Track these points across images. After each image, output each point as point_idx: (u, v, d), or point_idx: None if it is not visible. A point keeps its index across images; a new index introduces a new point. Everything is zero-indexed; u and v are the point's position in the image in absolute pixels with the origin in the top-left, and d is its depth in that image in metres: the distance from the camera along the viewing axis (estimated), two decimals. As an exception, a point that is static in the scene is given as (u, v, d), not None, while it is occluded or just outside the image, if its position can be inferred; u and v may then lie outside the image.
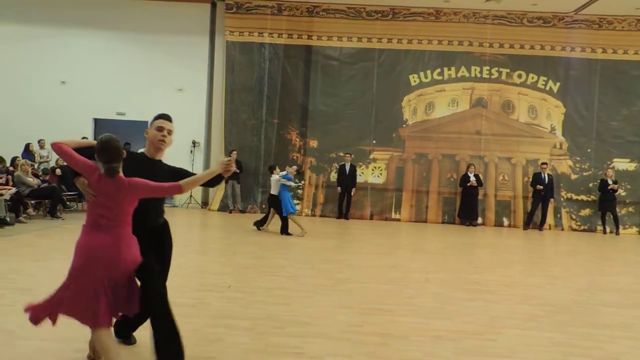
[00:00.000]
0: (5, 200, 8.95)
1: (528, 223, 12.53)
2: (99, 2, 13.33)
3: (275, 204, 9.42)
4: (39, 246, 7.25)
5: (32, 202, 10.11)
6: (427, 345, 3.88)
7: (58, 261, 6.19)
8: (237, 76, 13.35)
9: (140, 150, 3.62)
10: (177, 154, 13.20)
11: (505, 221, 12.95)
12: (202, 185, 3.38)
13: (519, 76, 13.16)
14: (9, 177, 9.74)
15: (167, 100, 13.35)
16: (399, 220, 12.97)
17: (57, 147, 3.02)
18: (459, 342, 3.98)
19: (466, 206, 12.62)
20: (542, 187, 12.21)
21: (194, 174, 3.42)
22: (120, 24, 13.36)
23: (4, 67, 13.32)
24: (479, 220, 12.83)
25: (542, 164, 12.56)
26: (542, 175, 12.39)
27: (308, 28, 13.33)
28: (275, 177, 9.38)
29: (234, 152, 12.78)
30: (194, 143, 13.28)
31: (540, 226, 12.42)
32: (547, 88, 13.12)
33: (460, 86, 13.26)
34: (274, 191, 9.40)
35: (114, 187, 2.91)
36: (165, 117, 3.53)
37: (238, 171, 12.73)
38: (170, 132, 3.50)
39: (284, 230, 9.35)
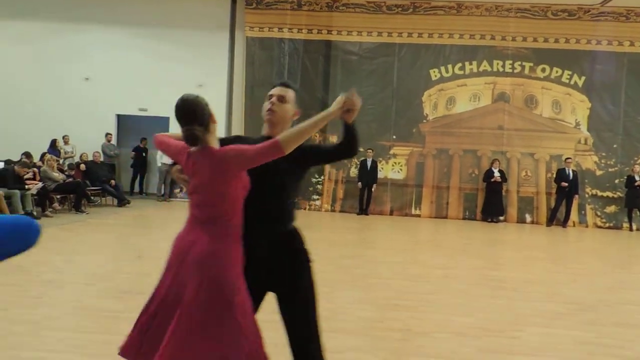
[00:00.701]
0: (32, 195, 9.15)
1: (551, 220, 12.30)
2: (123, 0, 13.48)
3: None
4: (64, 240, 7.39)
5: (58, 196, 10.31)
6: (449, 342, 3.84)
7: (82, 255, 6.32)
8: (257, 71, 13.38)
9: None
10: (198, 149, 13.33)
11: (528, 218, 12.74)
12: (328, 160, 2.63)
13: (543, 70, 12.89)
14: (36, 170, 9.95)
15: (188, 96, 13.44)
16: (419, 216, 12.86)
17: (155, 140, 2.49)
18: (481, 339, 3.92)
19: (490, 202, 12.44)
20: (567, 183, 11.97)
21: (329, 149, 2.54)
22: (141, 20, 13.49)
23: (30, 64, 13.57)
24: (501, 216, 12.65)
25: (567, 159, 12.30)
26: (567, 171, 12.14)
27: (328, 23, 13.27)
28: None
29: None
30: (214, 139, 13.36)
31: (564, 223, 12.19)
32: (572, 82, 12.83)
33: (482, 81, 13.06)
34: None
35: (202, 162, 2.18)
36: (280, 84, 2.60)
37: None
38: (282, 99, 2.51)
39: None
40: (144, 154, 13.90)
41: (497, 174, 12.34)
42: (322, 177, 13.21)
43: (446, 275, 6.15)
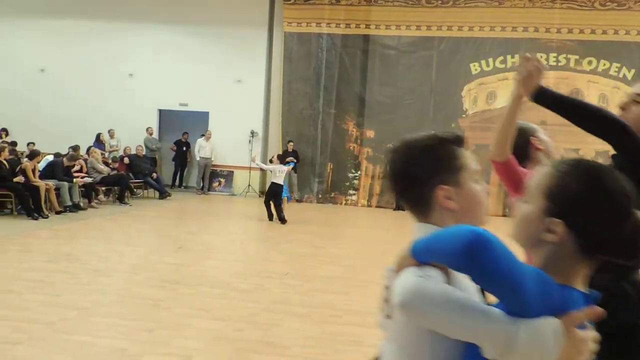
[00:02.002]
0: (79, 187, 9.52)
1: (596, 218, 11.89)
2: (164, -3, 13.82)
3: (278, 192, 9.21)
4: (109, 230, 7.67)
5: (103, 188, 10.69)
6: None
7: (125, 245, 6.55)
8: (295, 67, 13.45)
9: None
10: (236, 144, 13.56)
11: (571, 216, 12.36)
12: None
13: (589, 63, 12.43)
14: (83, 163, 10.34)
15: (226, 91, 13.68)
16: (457, 212, 12.67)
17: None
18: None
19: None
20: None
21: None
22: (182, 17, 13.77)
23: (77, 62, 14.09)
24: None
25: (613, 155, 11.83)
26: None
27: (366, 17, 13.20)
28: (284, 167, 9.44)
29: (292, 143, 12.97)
30: (252, 133, 13.54)
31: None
32: (621, 75, 12.32)
33: (524, 74, 12.70)
34: (280, 180, 9.19)
35: None
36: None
37: (295, 161, 12.90)
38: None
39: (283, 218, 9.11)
40: (184, 148, 14.24)
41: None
42: (359, 172, 13.19)
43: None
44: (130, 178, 11.41)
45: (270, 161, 9.78)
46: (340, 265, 6.03)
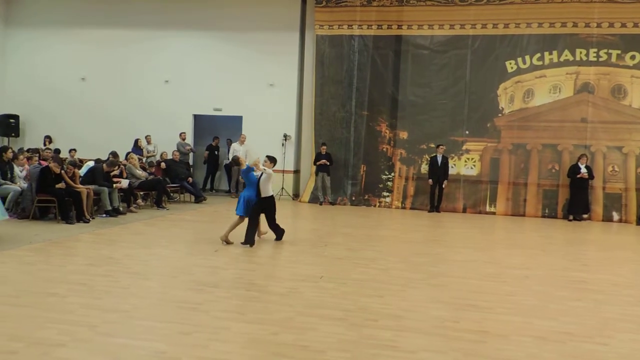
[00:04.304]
0: (118, 192, 9.78)
1: (642, 218, 11.41)
2: (198, 4, 14.06)
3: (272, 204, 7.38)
4: (147, 234, 7.85)
5: (141, 193, 10.95)
6: (529, 346, 3.67)
7: (163, 249, 6.67)
8: (327, 69, 13.47)
9: None
10: (270, 147, 13.65)
11: (616, 216, 11.90)
12: None
13: (632, 57, 11.95)
14: (123, 168, 10.63)
15: (259, 95, 13.83)
16: (494, 213, 12.40)
17: None
18: (565, 344, 3.72)
19: (575, 199, 11.73)
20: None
21: None
22: (216, 23, 14.01)
23: (115, 68, 14.53)
24: (586, 214, 11.89)
25: None
26: (660, 165, 11.19)
27: (398, 18, 13.09)
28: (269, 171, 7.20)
29: (324, 147, 12.98)
30: (285, 136, 13.63)
31: (657, 222, 11.26)
32: (667, 69, 11.80)
33: (563, 71, 12.34)
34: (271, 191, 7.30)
35: None
36: None
37: (328, 163, 12.89)
38: None
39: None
40: (215, 152, 14.46)
41: (583, 170, 11.62)
42: (393, 174, 13.08)
43: (525, 276, 5.88)
44: (167, 182, 11.64)
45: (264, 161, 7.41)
46: (375, 268, 5.98)
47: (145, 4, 14.29)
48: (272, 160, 7.50)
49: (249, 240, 6.93)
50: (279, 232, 7.48)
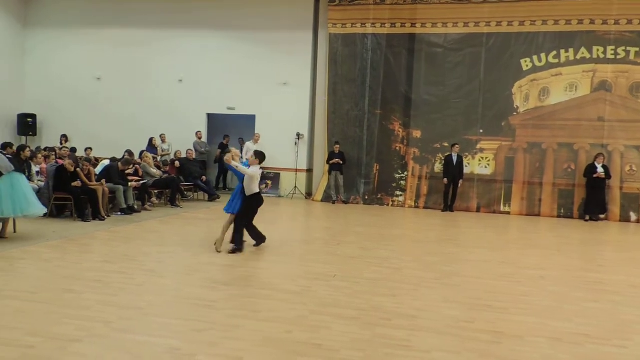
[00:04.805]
0: (133, 190, 9.87)
1: (661, 219, 11.22)
2: (212, 4, 14.13)
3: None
4: (162, 232, 7.91)
5: (155, 191, 11.04)
6: (545, 347, 3.63)
7: (177, 246, 6.72)
8: (340, 68, 13.44)
9: None
10: (282, 146, 13.70)
11: (633, 216, 11.71)
12: None
13: (651, 55, 11.76)
14: (138, 167, 10.73)
15: (272, 94, 13.85)
16: (508, 213, 12.28)
17: None
18: (581, 346, 3.68)
19: (591, 199, 11.57)
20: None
21: None
22: (230, 23, 14.06)
23: (130, 68, 14.66)
24: (602, 214, 11.71)
25: None
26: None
27: (411, 16, 13.02)
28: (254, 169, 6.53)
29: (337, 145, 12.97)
30: (298, 135, 13.64)
31: (676, 222, 11.06)
32: (686, 67, 11.58)
33: (579, 69, 12.17)
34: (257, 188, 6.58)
35: None
36: None
37: (341, 162, 12.88)
38: None
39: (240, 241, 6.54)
40: (227, 151, 14.50)
41: (600, 169, 11.45)
42: (406, 173, 13.03)
43: (540, 276, 5.82)
44: (181, 181, 11.72)
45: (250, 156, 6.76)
46: (388, 267, 5.96)
47: (160, 5, 14.40)
48: (257, 155, 6.63)
49: (237, 243, 6.36)
50: (259, 238, 6.75)
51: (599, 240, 9.09)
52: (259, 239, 6.80)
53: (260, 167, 6.62)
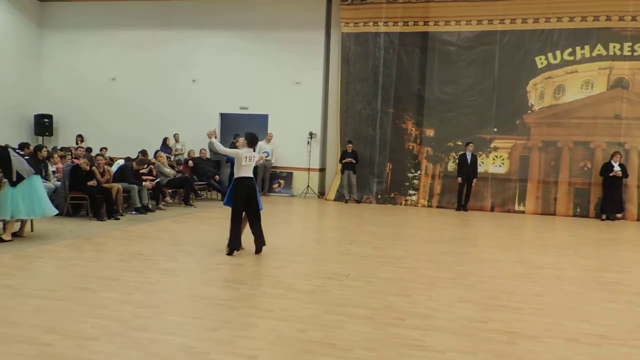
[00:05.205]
0: (148, 189, 9.96)
1: (679, 218, 11.02)
2: (224, 5, 14.19)
3: (251, 194, 6.19)
4: (175, 231, 7.97)
5: (169, 191, 11.13)
6: (561, 348, 3.59)
7: (191, 246, 6.76)
8: (352, 67, 13.42)
9: None
10: (295, 145, 13.72)
11: (651, 215, 11.53)
12: None
13: (669, 51, 11.56)
14: (152, 166, 10.82)
15: (285, 93, 13.88)
16: (523, 212, 12.16)
17: None
18: (599, 347, 3.63)
19: (607, 198, 11.41)
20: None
21: None
22: (242, 23, 14.12)
23: (144, 69, 14.79)
24: (619, 214, 11.54)
25: None
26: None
27: (424, 14, 12.95)
28: (254, 154, 6.40)
29: (350, 144, 12.96)
30: (310, 134, 13.65)
31: (695, 222, 10.87)
32: None
33: (595, 66, 12.01)
34: (250, 172, 6.25)
35: None
36: None
37: (354, 161, 12.86)
38: None
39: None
40: (238, 150, 14.54)
41: (617, 168, 11.29)
42: (419, 172, 12.97)
43: (556, 276, 5.75)
44: (195, 180, 11.80)
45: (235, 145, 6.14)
46: (401, 266, 5.94)
47: (173, 6, 14.51)
48: (246, 137, 6.30)
49: (231, 243, 6.03)
50: (259, 242, 6.16)
51: (616, 240, 8.96)
52: (232, 244, 6.08)
53: (273, 167, 6.53)
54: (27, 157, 6.86)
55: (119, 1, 14.88)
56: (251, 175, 6.18)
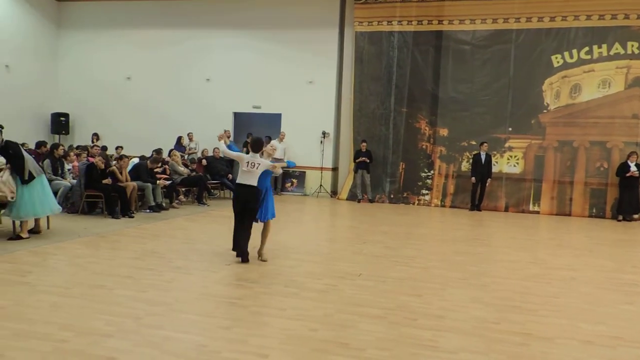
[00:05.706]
0: (162, 188, 10.05)
1: (699, 219, 10.81)
2: (238, 4, 14.24)
3: (249, 201, 5.74)
4: (189, 229, 8.03)
5: (183, 189, 11.21)
6: (576, 350, 3.55)
7: (204, 244, 6.81)
8: (366, 66, 13.39)
9: None
10: (308, 144, 13.73)
11: (669, 217, 11.32)
12: None
13: (689, 50, 11.34)
14: (166, 166, 10.91)
15: (298, 92, 13.89)
16: (537, 212, 12.03)
17: None
18: (614, 349, 3.58)
19: (624, 199, 11.23)
20: None
21: None
22: (256, 22, 14.15)
23: (159, 68, 14.91)
24: (636, 214, 11.36)
25: None
26: None
27: (438, 13, 12.86)
28: (261, 160, 5.80)
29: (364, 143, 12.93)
30: (323, 134, 13.65)
31: None
32: None
33: (613, 65, 11.83)
34: (250, 180, 5.73)
35: None
36: None
37: (368, 161, 12.83)
38: None
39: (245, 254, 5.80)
40: (250, 149, 14.58)
41: (633, 168, 11.12)
42: (432, 172, 12.89)
43: (571, 277, 5.69)
44: (208, 179, 11.87)
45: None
46: (414, 266, 5.92)
47: (188, 6, 14.60)
48: (251, 142, 5.99)
49: (237, 250, 5.80)
50: (242, 250, 5.76)
51: (632, 241, 8.82)
52: (237, 249, 5.84)
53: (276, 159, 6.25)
54: (33, 156, 7.02)
55: (135, 1, 15.02)
56: (251, 183, 5.67)
